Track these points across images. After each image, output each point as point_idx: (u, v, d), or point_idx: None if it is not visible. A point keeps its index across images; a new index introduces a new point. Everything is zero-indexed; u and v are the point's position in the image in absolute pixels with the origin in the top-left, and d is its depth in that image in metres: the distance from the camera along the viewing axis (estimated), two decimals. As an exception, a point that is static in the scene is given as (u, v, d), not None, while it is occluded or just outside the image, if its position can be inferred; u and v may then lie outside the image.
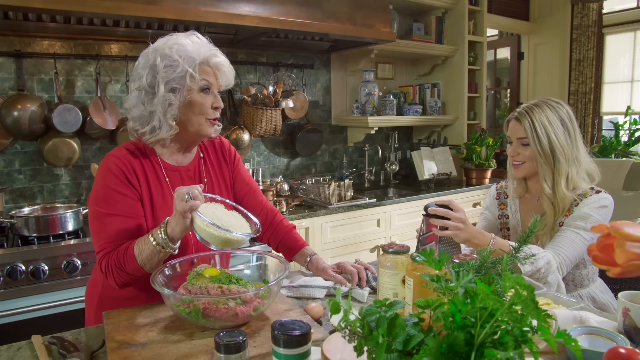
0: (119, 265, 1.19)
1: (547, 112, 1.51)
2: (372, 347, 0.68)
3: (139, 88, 1.25)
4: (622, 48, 4.46)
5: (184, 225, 1.13)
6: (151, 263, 1.17)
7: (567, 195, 1.49)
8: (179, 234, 1.15)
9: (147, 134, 1.27)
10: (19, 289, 1.95)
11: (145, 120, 1.26)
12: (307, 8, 2.64)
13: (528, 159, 1.54)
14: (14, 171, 2.45)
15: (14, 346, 1.08)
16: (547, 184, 1.51)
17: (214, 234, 1.12)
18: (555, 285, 1.29)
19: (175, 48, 1.22)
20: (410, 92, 3.87)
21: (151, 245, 1.15)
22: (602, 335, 0.90)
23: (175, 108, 1.24)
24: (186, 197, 1.10)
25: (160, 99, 1.22)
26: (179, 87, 1.23)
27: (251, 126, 2.99)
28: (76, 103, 2.53)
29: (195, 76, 1.23)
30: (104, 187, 1.24)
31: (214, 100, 1.30)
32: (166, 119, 1.24)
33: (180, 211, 1.10)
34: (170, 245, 1.15)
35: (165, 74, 1.22)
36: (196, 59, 1.23)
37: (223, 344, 0.81)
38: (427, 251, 0.78)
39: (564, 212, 1.50)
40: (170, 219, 1.15)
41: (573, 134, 1.52)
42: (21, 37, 2.41)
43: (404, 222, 3.13)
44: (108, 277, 1.21)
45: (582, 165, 1.53)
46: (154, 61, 1.23)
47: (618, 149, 3.98)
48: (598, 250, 0.64)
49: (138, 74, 1.25)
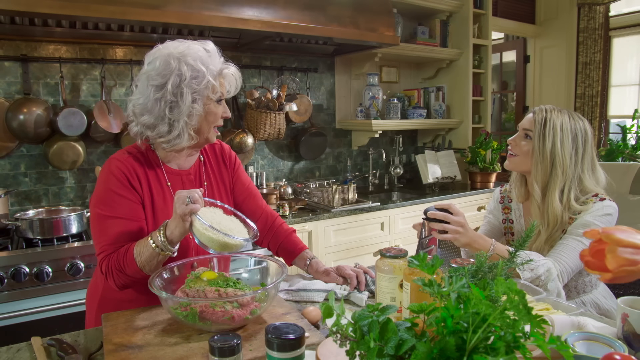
0: (119, 267, 1.20)
1: (564, 119, 1.46)
2: (364, 351, 0.68)
3: (159, 96, 1.21)
4: (630, 51, 4.42)
5: (183, 229, 1.14)
6: (150, 265, 1.18)
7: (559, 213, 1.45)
8: (177, 237, 1.16)
9: (166, 142, 1.26)
10: (22, 291, 1.97)
11: (164, 129, 1.24)
12: (310, 12, 2.65)
13: (523, 154, 1.51)
14: (19, 174, 2.48)
15: (13, 347, 1.09)
16: (537, 186, 1.48)
17: (213, 238, 1.13)
18: (555, 293, 1.27)
19: (198, 58, 1.22)
20: (414, 96, 3.86)
21: (150, 248, 1.16)
22: (600, 342, 0.89)
23: (196, 118, 1.25)
24: (186, 200, 1.11)
25: (186, 109, 1.22)
26: (199, 98, 1.24)
27: (255, 130, 3.00)
28: (81, 107, 2.55)
29: (216, 87, 1.25)
30: (105, 189, 1.25)
31: (224, 110, 1.33)
32: (188, 129, 1.25)
33: (180, 214, 1.11)
34: (169, 247, 1.16)
35: (191, 84, 1.21)
36: (214, 70, 1.25)
37: (217, 347, 0.81)
38: (420, 255, 0.77)
39: (554, 227, 1.47)
40: (170, 222, 1.16)
41: (581, 153, 1.46)
42: (27, 42, 2.44)
43: (407, 225, 3.11)
44: (108, 278, 1.22)
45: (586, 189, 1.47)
46: (179, 69, 1.20)
47: (625, 152, 3.95)
48: (590, 256, 0.63)
49: (155, 79, 1.21)
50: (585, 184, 1.47)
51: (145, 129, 1.26)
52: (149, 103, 1.22)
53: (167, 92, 1.20)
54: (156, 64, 1.22)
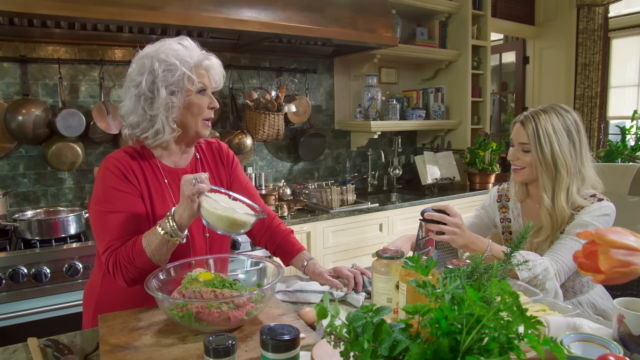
0: (129, 260, 1.19)
1: (553, 120, 1.46)
2: (358, 352, 0.68)
3: (137, 94, 1.26)
4: (629, 52, 4.42)
5: (192, 210, 1.14)
6: (160, 254, 1.18)
7: (567, 210, 1.46)
8: (186, 220, 1.16)
9: (150, 138, 1.29)
10: (21, 291, 1.97)
11: (147, 125, 1.28)
12: (309, 13, 2.65)
13: (528, 165, 1.51)
14: (18, 175, 2.48)
15: (9, 348, 1.09)
16: (546, 195, 1.47)
17: (222, 215, 1.13)
18: (553, 292, 1.28)
19: (170, 53, 1.25)
20: (413, 97, 3.86)
21: (159, 236, 1.16)
22: (595, 343, 0.89)
23: (176, 110, 1.28)
24: (194, 181, 1.12)
25: (162, 102, 1.25)
26: (178, 90, 1.27)
27: (254, 131, 3.00)
28: (80, 108, 2.56)
29: (193, 78, 1.27)
30: (103, 186, 1.26)
31: (210, 101, 1.33)
32: (168, 122, 1.27)
33: (188, 195, 1.12)
34: (179, 233, 1.16)
35: (165, 78, 1.25)
36: (191, 62, 1.27)
37: (212, 348, 0.81)
38: (414, 257, 0.77)
39: (562, 225, 1.48)
40: (178, 207, 1.17)
41: (578, 145, 1.47)
42: (26, 43, 2.44)
43: (406, 226, 3.11)
44: (116, 275, 1.22)
45: (586, 180, 1.48)
46: (152, 66, 1.25)
47: (624, 153, 3.94)
48: (583, 257, 0.63)
49: (134, 80, 1.27)
50: (585, 173, 1.48)
51: (132, 129, 1.30)
52: (131, 104, 1.28)
53: (142, 89, 1.25)
54: (134, 66, 1.29)
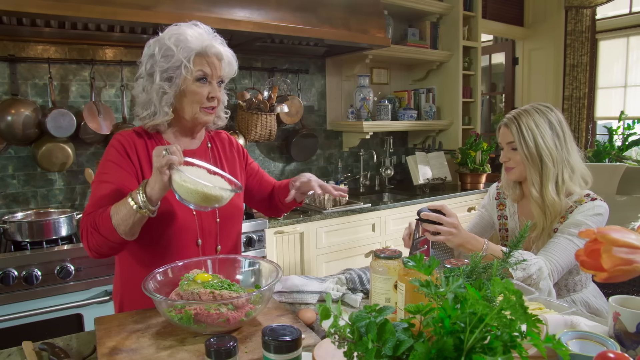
0: (94, 225, 1.17)
1: (535, 117, 1.51)
2: (362, 352, 0.68)
3: (140, 76, 1.31)
4: (616, 53, 4.49)
5: (162, 183, 1.10)
6: (125, 225, 1.14)
7: (558, 201, 1.48)
8: (157, 193, 1.12)
9: (146, 118, 1.32)
10: (11, 294, 1.94)
11: (145, 105, 1.31)
12: (302, 14, 2.65)
13: (518, 164, 1.54)
14: (7, 176, 2.44)
15: (4, 352, 1.07)
16: (534, 188, 1.50)
17: (192, 189, 1.10)
18: (547, 291, 1.29)
19: (175, 38, 1.25)
20: (405, 97, 3.88)
21: (128, 206, 1.12)
22: (592, 340, 0.90)
23: (170, 96, 1.28)
24: (163, 152, 1.09)
25: (155, 86, 1.27)
26: (175, 77, 1.27)
27: (246, 131, 2.99)
28: (70, 108, 2.52)
29: (189, 67, 1.26)
30: (104, 161, 1.30)
31: (211, 90, 1.31)
32: (161, 106, 1.29)
33: (157, 167, 1.09)
34: (149, 206, 1.12)
35: (161, 64, 1.26)
36: (193, 49, 1.26)
37: (213, 349, 0.80)
38: (417, 256, 0.78)
39: (557, 217, 1.50)
40: (150, 179, 1.13)
41: (562, 137, 1.51)
42: (15, 42, 2.41)
43: (398, 226, 3.13)
44: (82, 240, 1.21)
45: (576, 169, 1.52)
46: (154, 50, 1.27)
47: (612, 153, 4.01)
48: (585, 256, 0.64)
49: (142, 62, 1.31)
50: (573, 162, 1.51)
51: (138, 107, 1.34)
52: (139, 84, 1.32)
53: (143, 72, 1.30)
54: (146, 49, 1.31)
